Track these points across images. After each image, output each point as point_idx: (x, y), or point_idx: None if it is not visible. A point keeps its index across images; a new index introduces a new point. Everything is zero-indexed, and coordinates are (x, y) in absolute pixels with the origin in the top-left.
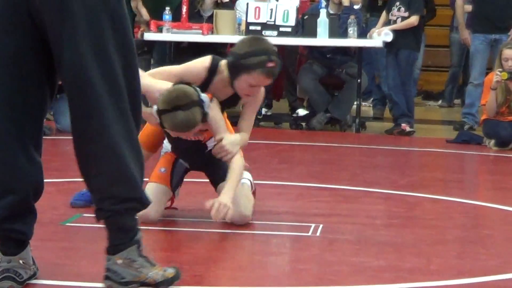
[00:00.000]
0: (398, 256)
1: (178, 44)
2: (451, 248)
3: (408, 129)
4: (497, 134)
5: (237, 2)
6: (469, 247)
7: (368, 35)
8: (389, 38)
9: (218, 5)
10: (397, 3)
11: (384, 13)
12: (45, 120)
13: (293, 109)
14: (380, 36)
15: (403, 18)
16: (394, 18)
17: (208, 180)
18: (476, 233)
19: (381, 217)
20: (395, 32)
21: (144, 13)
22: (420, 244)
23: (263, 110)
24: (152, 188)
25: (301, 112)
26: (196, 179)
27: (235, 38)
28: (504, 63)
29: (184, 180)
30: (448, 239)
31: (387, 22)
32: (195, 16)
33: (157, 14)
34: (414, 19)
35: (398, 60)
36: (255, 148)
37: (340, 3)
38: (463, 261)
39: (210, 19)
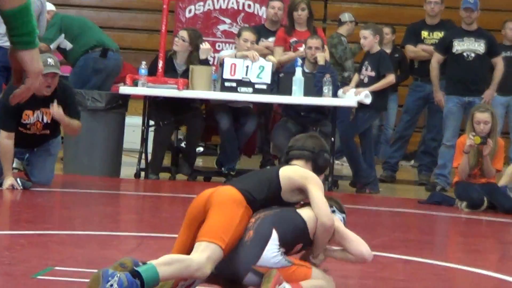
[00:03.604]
0: None
1: (154, 97)
2: None
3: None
4: (469, 196)
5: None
6: None
7: (340, 92)
8: (369, 100)
9: (192, 62)
10: (366, 63)
11: (356, 74)
12: (22, 173)
13: (263, 166)
14: (358, 96)
15: (370, 78)
16: (362, 77)
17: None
18: None
19: (353, 277)
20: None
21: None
22: None
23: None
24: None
25: None
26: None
27: (210, 94)
28: (476, 126)
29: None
30: None
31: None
32: (170, 71)
33: None
34: (391, 77)
35: (355, 118)
36: None
37: (316, 62)
38: None
39: (185, 73)
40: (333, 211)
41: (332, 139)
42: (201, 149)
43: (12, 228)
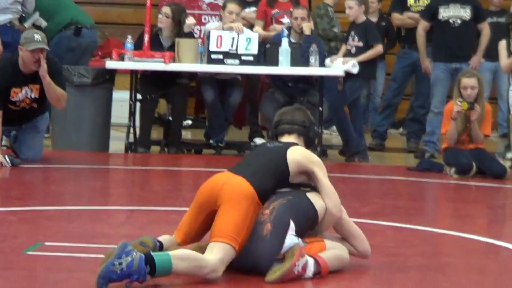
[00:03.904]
0: (359, 284)
1: (142, 72)
2: (412, 276)
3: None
4: (457, 162)
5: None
6: (429, 275)
7: (327, 61)
8: (356, 70)
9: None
10: (352, 33)
11: (343, 45)
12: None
13: (251, 138)
14: (345, 65)
15: (357, 48)
16: (350, 47)
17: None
18: (437, 261)
19: None
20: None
21: None
22: (381, 272)
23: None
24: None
25: (258, 141)
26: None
27: (197, 67)
28: (463, 92)
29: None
30: (409, 267)
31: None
32: (156, 45)
33: None
34: (379, 48)
35: (344, 88)
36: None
37: (302, 32)
38: None
39: (171, 48)
40: None
41: (320, 108)
42: (189, 122)
43: (1, 205)
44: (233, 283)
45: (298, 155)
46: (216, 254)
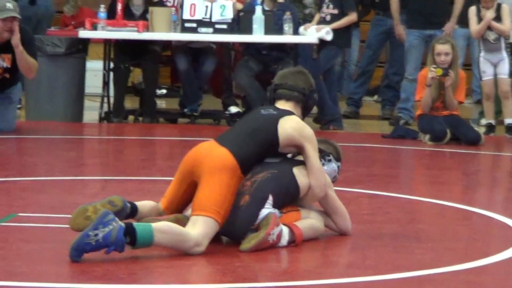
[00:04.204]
0: (334, 252)
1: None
2: (387, 243)
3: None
4: (432, 129)
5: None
6: (404, 241)
7: (301, 29)
8: (330, 37)
9: (150, 3)
10: (327, 0)
11: (317, 13)
12: None
13: (225, 106)
14: (319, 33)
15: (332, 16)
16: (324, 15)
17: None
18: (412, 228)
19: None
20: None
21: None
22: (356, 239)
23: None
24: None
25: (233, 109)
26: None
27: (170, 36)
28: (437, 58)
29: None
30: (384, 234)
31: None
32: (127, 16)
33: None
34: (354, 16)
35: (319, 56)
36: (189, 145)
37: (275, 0)
38: (398, 256)
39: (142, 16)
40: (329, 160)
41: None
42: (164, 91)
43: None
44: (209, 254)
45: (290, 128)
46: (199, 228)
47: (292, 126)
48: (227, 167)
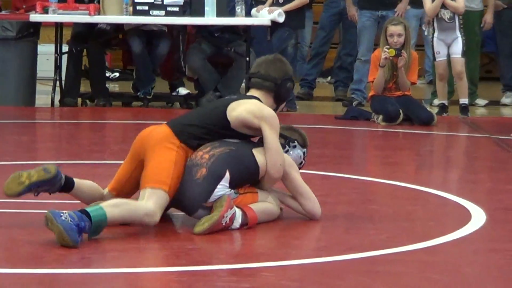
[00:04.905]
0: (287, 233)
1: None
2: (340, 224)
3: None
4: (385, 110)
5: None
6: (357, 222)
7: (253, 11)
8: (282, 18)
9: None
10: None
11: None
12: None
13: (173, 88)
14: (271, 15)
15: None
16: None
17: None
18: (365, 209)
19: None
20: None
21: None
22: (309, 220)
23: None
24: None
25: (182, 91)
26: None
27: (122, 19)
28: (389, 39)
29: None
30: (337, 215)
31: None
32: None
33: None
34: None
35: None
36: (142, 128)
37: None
38: (351, 237)
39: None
40: (294, 146)
41: (248, 58)
42: (116, 74)
43: None
44: (162, 237)
45: (244, 110)
46: (147, 198)
47: (247, 108)
48: (163, 137)
